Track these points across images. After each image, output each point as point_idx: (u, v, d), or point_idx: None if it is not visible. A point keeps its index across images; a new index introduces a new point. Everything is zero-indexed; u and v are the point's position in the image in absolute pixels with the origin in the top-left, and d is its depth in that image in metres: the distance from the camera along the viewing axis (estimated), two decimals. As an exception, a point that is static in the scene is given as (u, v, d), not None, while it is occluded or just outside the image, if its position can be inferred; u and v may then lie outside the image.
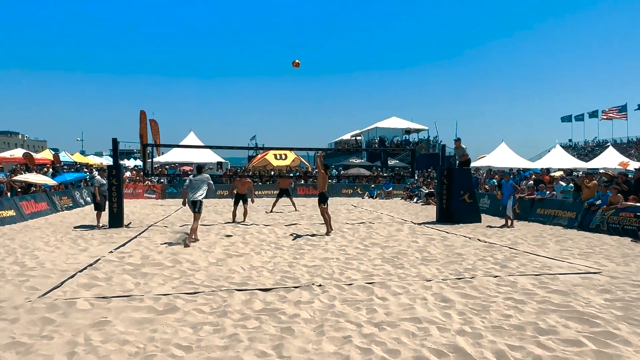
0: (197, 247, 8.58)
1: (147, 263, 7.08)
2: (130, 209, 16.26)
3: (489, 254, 7.97)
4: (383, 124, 44.62)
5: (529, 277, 6.24)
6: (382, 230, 11.22)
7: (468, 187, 13.07)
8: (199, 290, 5.55)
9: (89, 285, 5.76)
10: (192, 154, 27.47)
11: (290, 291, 5.53)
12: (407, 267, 6.94)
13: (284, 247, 8.66)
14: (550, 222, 12.41)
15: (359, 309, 4.87)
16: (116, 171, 11.67)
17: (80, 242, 9.07)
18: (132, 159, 47.57)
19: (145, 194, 22.82)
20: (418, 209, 17.75)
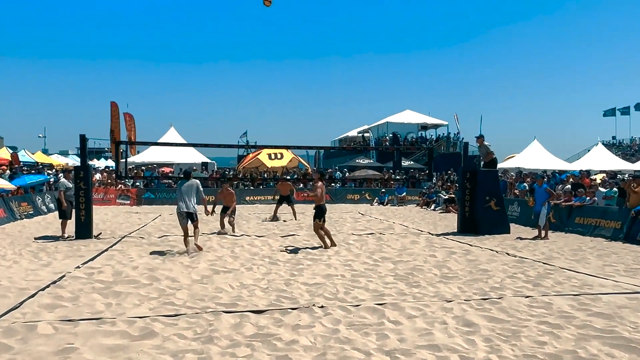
0: (177, 261, 8.58)
1: (120, 280, 7.08)
2: (101, 217, 16.28)
3: (520, 271, 7.94)
4: (395, 119, 44.60)
5: (566, 298, 6.21)
6: (395, 242, 11.21)
7: (495, 192, 13.06)
8: (181, 312, 5.54)
9: (52, 306, 5.75)
10: (172, 153, 27.51)
11: (287, 313, 5.51)
12: (423, 285, 6.92)
13: (280, 262, 8.65)
14: (590, 233, 12.38)
15: (367, 335, 4.86)
16: (84, 173, 11.67)
17: (42, 256, 9.07)
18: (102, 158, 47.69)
19: (118, 200, 22.86)
20: (436, 218, 17.73)
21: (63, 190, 11.56)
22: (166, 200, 23.24)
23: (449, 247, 10.47)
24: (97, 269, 7.79)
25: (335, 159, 43.68)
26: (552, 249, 10.37)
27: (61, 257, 9.01)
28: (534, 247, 10.57)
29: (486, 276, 7.53)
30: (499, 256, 9.42)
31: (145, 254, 9.31)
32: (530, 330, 4.98)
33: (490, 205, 12.90)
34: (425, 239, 11.75)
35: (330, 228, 13.91)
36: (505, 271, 7.92)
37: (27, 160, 31.02)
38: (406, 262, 8.73)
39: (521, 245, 10.95)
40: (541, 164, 25.67)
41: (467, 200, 13.14)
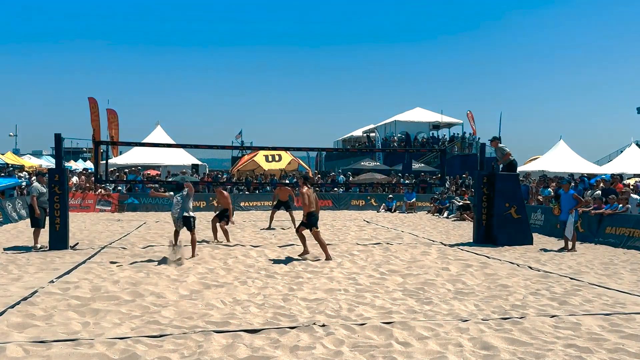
0: (164, 275, 8.56)
1: (98, 296, 7.05)
2: (78, 226, 16.29)
3: (544, 287, 7.91)
4: (404, 117, 44.73)
5: (596, 318, 6.18)
6: (403, 253, 11.19)
7: (515, 198, 13.04)
8: (166, 332, 5.52)
9: (22, 325, 5.72)
10: (159, 154, 27.55)
11: (285, 333, 5.49)
12: (436, 302, 6.90)
13: (277, 275, 8.64)
14: (623, 244, 12.35)
15: (373, 357, 4.84)
16: (59, 176, 11.66)
17: (12, 269, 9.05)
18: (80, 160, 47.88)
19: (97, 206, 22.88)
20: (449, 226, 17.72)
21: (36, 195, 11.48)
22: (151, 206, 23.26)
23: (464, 259, 10.45)
24: (73, 284, 7.76)
25: (338, 161, 43.78)
26: (580, 262, 10.34)
27: (33, 270, 8.99)
28: (560, 260, 10.54)
29: (506, 292, 7.50)
30: (521, 270, 9.39)
31: (127, 267, 9.29)
32: (556, 354, 4.95)
33: (511, 213, 12.88)
34: (437, 250, 11.73)
35: (333, 237, 13.95)
36: (527, 287, 7.89)
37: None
38: (416, 275, 8.71)
39: (545, 257, 10.92)
40: (568, 166, 25.69)
41: (484, 207, 13.12)
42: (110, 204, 23.11)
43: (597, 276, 8.84)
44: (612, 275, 8.98)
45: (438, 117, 44.81)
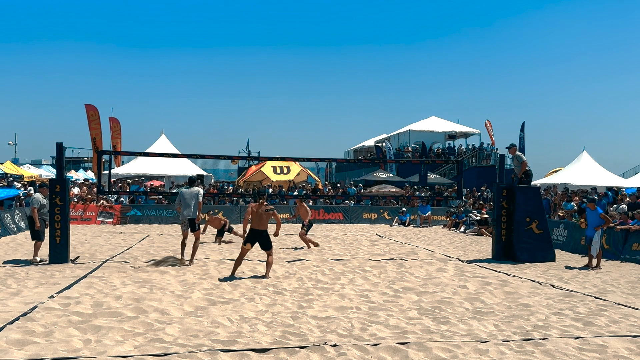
0: (168, 290, 8.58)
1: (100, 312, 7.08)
2: (79, 238, 16.38)
3: (568, 306, 7.87)
4: (418, 126, 44.70)
5: (623, 340, 6.13)
6: (418, 269, 11.16)
7: (537, 213, 12.99)
8: (171, 350, 5.53)
9: (22, 342, 5.75)
10: (163, 164, 27.65)
11: (295, 353, 5.48)
12: (453, 322, 6.87)
13: (286, 292, 8.63)
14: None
15: (388, 380, 4.81)
16: (60, 186, 11.74)
17: (10, 283, 9.11)
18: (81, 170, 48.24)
19: (98, 218, 23.00)
20: (467, 242, 17.64)
21: (37, 207, 11.58)
22: (155, 218, 23.36)
23: (482, 277, 10.40)
24: (74, 299, 7.80)
25: (349, 172, 43.81)
26: (606, 280, 10.26)
27: (33, 284, 9.04)
28: (584, 279, 10.47)
29: (527, 312, 7.46)
30: (543, 288, 9.34)
31: (130, 282, 9.32)
32: (581, 377, 4.91)
33: (532, 228, 12.83)
34: (454, 267, 11.69)
35: (344, 252, 13.94)
36: (550, 306, 7.84)
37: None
38: (432, 293, 8.68)
39: (569, 275, 10.85)
40: (591, 179, 25.52)
41: (504, 222, 13.08)
42: (113, 216, 23.22)
43: (623, 295, 8.77)
44: (639, 294, 8.90)
45: (454, 127, 44.73)
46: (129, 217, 23.33)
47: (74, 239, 14.92)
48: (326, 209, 25.25)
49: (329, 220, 24.72)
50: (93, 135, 30.16)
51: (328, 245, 15.74)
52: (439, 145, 42.80)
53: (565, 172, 27.40)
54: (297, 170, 28.33)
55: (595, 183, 24.71)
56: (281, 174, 27.91)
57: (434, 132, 43.87)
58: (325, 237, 18.11)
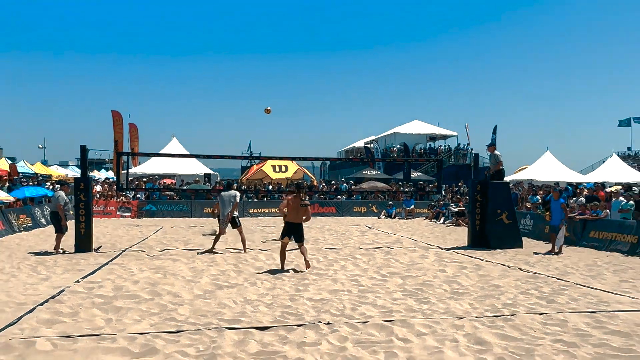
0: (180, 276, 8.59)
1: (120, 295, 7.09)
2: (101, 230, 16.33)
3: (533, 286, 7.90)
4: (403, 129, 44.68)
5: (581, 315, 6.17)
6: (403, 256, 11.18)
7: (506, 205, 13.03)
8: (183, 328, 5.54)
9: (51, 321, 5.76)
10: (174, 164, 27.58)
11: (293, 330, 5.50)
12: (433, 301, 6.89)
13: (285, 277, 8.64)
14: (606, 247, 12.30)
15: (375, 353, 4.84)
16: (84, 184, 11.73)
17: (40, 270, 9.10)
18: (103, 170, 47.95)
19: (118, 212, 22.94)
20: (446, 231, 17.68)
21: (62, 204, 11.49)
22: (167, 212, 23.30)
23: (459, 262, 10.43)
24: (97, 284, 7.81)
25: (341, 170, 43.77)
26: (567, 264, 10.31)
27: (60, 271, 9.04)
28: (548, 262, 10.51)
29: (498, 292, 7.49)
30: (512, 271, 9.37)
31: (146, 268, 9.32)
32: (545, 348, 4.95)
33: (502, 219, 12.87)
34: (434, 254, 11.72)
35: (336, 242, 13.96)
36: (518, 287, 7.88)
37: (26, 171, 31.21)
38: (415, 277, 8.70)
39: (534, 260, 10.89)
40: (554, 175, 25.55)
41: (478, 214, 13.11)
42: (130, 210, 23.16)
43: (582, 277, 8.81)
44: (596, 276, 8.95)
45: (435, 130, 44.78)
46: (145, 212, 23.27)
47: (97, 231, 14.86)
48: (320, 203, 25.23)
49: (323, 213, 24.69)
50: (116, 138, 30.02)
51: (322, 235, 15.74)
52: (421, 146, 42.81)
53: (531, 169, 27.40)
54: (294, 168, 28.26)
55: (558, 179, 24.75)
56: (280, 172, 27.83)
57: (416, 134, 43.88)
58: (319, 228, 18.12)
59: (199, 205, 23.60)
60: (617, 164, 28.06)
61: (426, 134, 44.57)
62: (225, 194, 11.76)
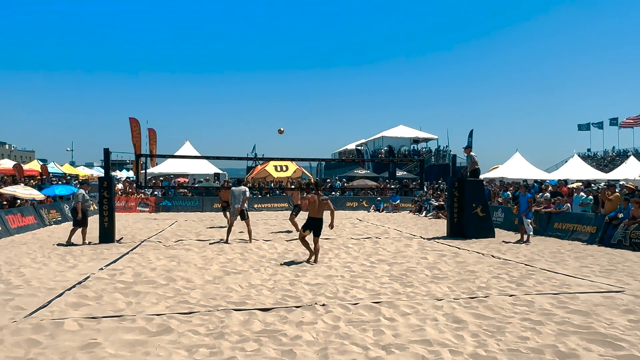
0: (192, 264, 8.57)
1: (139, 281, 7.07)
2: (122, 223, 16.28)
3: (504, 272, 7.92)
4: (390, 133, 44.78)
5: (546, 296, 6.19)
6: (390, 245, 11.18)
7: (481, 200, 13.05)
8: (195, 310, 5.53)
9: (77, 304, 5.74)
10: (187, 164, 27.55)
11: (292, 311, 5.50)
12: (416, 285, 6.90)
13: (285, 264, 8.62)
14: (568, 237, 12.34)
15: (365, 331, 4.84)
16: (108, 183, 11.70)
17: (69, 259, 9.07)
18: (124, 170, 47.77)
19: (138, 207, 22.86)
20: (427, 223, 17.70)
21: (81, 200, 11.30)
22: (181, 207, 23.25)
23: (439, 250, 10.44)
24: (118, 271, 7.78)
25: (335, 169, 43.76)
26: (534, 251, 10.33)
27: (86, 259, 9.01)
28: (517, 250, 10.54)
29: (473, 277, 7.50)
30: (485, 258, 9.39)
31: (162, 257, 9.29)
32: (514, 326, 4.96)
33: (477, 212, 12.89)
34: (417, 243, 11.72)
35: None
36: (490, 272, 7.89)
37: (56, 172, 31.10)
38: (400, 263, 8.71)
39: (505, 248, 10.91)
40: (522, 174, 25.63)
41: (456, 207, 13.13)
42: (149, 206, 23.09)
43: (547, 263, 8.84)
44: (559, 262, 8.98)
45: (418, 133, 44.87)
46: (161, 207, 23.21)
47: (119, 224, 14.82)
48: (317, 198, 25.24)
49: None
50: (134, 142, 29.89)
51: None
52: (406, 148, 42.89)
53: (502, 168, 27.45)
54: (293, 168, 28.18)
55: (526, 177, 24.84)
56: (281, 172, 27.74)
57: (402, 138, 43.97)
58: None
59: (209, 201, 23.55)
60: (578, 164, 28.18)
61: (410, 137, 44.66)
62: (235, 189, 11.71)
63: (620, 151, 52.61)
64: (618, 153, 52.28)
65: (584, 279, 7.35)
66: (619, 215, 11.37)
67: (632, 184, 14.81)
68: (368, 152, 41.27)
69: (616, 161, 42.66)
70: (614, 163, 41.82)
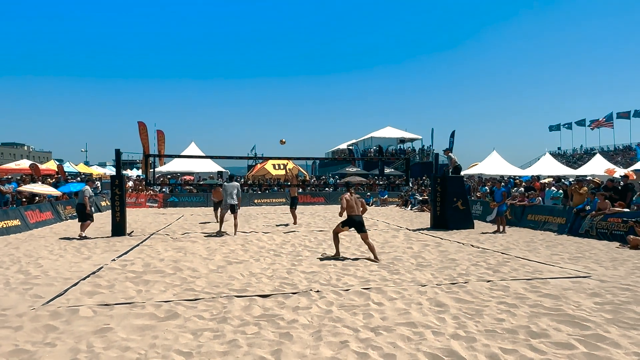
0: (197, 254, 8.54)
1: (148, 271, 7.04)
2: (133, 218, 16.21)
3: (482, 259, 7.96)
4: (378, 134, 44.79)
5: (520, 282, 6.22)
6: (378, 236, 11.20)
7: (461, 194, 13.09)
8: (200, 297, 5.52)
9: (91, 292, 5.71)
10: (193, 163, 27.45)
11: (289, 297, 5.50)
12: (402, 272, 6.91)
13: (283, 254, 8.62)
14: (541, 227, 12.42)
15: (355, 314, 4.85)
16: (119, 181, 11.64)
17: (83, 251, 9.02)
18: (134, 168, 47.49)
19: (147, 203, 22.75)
20: (413, 216, 17.74)
21: (88, 196, 11.17)
22: (188, 203, 23.16)
23: (423, 240, 10.47)
24: (129, 261, 7.75)
25: (329, 167, 43.73)
26: (509, 241, 10.38)
27: (100, 251, 8.96)
28: (494, 240, 10.59)
29: (454, 264, 7.53)
30: (465, 247, 9.42)
31: (170, 249, 9.26)
32: (491, 309, 4.98)
33: (458, 205, 12.93)
34: (403, 234, 11.75)
35: (325, 225, 13.93)
36: (470, 260, 7.93)
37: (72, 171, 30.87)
38: (388, 253, 8.72)
39: (483, 238, 10.96)
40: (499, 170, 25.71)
41: (438, 201, 13.16)
42: (157, 202, 22.98)
43: (521, 251, 8.88)
44: (532, 250, 9.02)
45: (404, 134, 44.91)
46: (169, 203, 23.11)
47: (130, 219, 14.77)
48: (312, 194, 25.23)
49: (314, 202, 24.69)
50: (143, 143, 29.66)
51: (313, 220, 15.73)
52: (393, 147, 42.93)
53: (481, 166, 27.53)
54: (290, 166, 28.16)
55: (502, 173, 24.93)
56: (279, 170, 27.71)
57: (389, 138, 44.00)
58: (311, 215, 18.10)
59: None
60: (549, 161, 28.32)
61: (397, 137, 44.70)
62: (228, 184, 11.64)
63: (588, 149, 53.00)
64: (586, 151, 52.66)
65: (555, 265, 7.40)
66: (587, 207, 11.45)
67: (598, 179, 14.91)
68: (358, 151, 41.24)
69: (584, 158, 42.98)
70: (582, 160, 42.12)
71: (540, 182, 16.97)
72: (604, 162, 27.06)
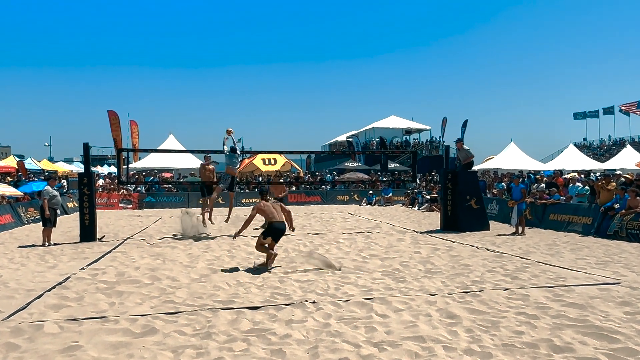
0: (177, 262, 8.53)
1: (122, 280, 7.02)
2: (104, 221, 16.16)
3: (499, 265, 7.99)
4: (381, 124, 44.82)
5: (542, 290, 6.25)
6: (382, 240, 11.22)
7: (475, 192, 13.14)
8: (180, 309, 5.51)
9: (58, 306, 5.69)
10: (172, 159, 27.34)
11: (281, 309, 5.50)
12: (409, 280, 6.93)
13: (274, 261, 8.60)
14: (564, 228, 12.49)
15: (356, 328, 4.86)
16: (88, 179, 11.59)
17: (48, 259, 8.98)
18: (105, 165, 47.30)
19: (120, 204, 22.71)
20: (420, 217, 17.79)
21: (47, 198, 10.85)
22: (166, 204, 23.13)
23: (432, 244, 10.50)
24: (100, 270, 7.73)
25: (325, 162, 43.76)
26: (529, 244, 10.43)
27: (66, 259, 8.93)
28: (512, 243, 10.63)
29: (467, 270, 7.56)
30: (480, 252, 9.46)
31: (146, 255, 9.25)
32: (509, 320, 5.01)
33: (471, 204, 12.97)
34: (410, 237, 11.78)
35: (322, 227, 13.95)
36: (485, 265, 7.95)
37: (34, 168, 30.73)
38: (393, 258, 8.74)
39: (500, 241, 11.00)
40: (517, 164, 25.83)
41: (449, 200, 13.20)
42: (131, 202, 22.95)
43: (542, 255, 8.92)
44: (555, 254, 9.07)
45: (410, 124, 44.98)
46: (145, 203, 23.10)
47: (100, 222, 14.72)
48: (307, 192, 25.25)
49: (309, 202, 24.72)
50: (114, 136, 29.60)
51: (308, 222, 15.74)
52: (398, 139, 42.98)
53: (497, 159, 27.63)
54: (282, 161, 28.17)
55: (521, 167, 25.04)
56: (269, 165, 27.70)
57: (393, 129, 44.04)
58: (306, 216, 18.11)
59: (194, 197, 23.40)
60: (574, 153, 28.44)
61: (402, 128, 44.74)
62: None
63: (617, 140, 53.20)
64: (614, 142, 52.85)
65: (580, 271, 7.44)
66: (616, 205, 11.51)
67: (630, 173, 14.99)
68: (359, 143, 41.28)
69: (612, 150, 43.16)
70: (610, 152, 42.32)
71: (564, 177, 17.05)
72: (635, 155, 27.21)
